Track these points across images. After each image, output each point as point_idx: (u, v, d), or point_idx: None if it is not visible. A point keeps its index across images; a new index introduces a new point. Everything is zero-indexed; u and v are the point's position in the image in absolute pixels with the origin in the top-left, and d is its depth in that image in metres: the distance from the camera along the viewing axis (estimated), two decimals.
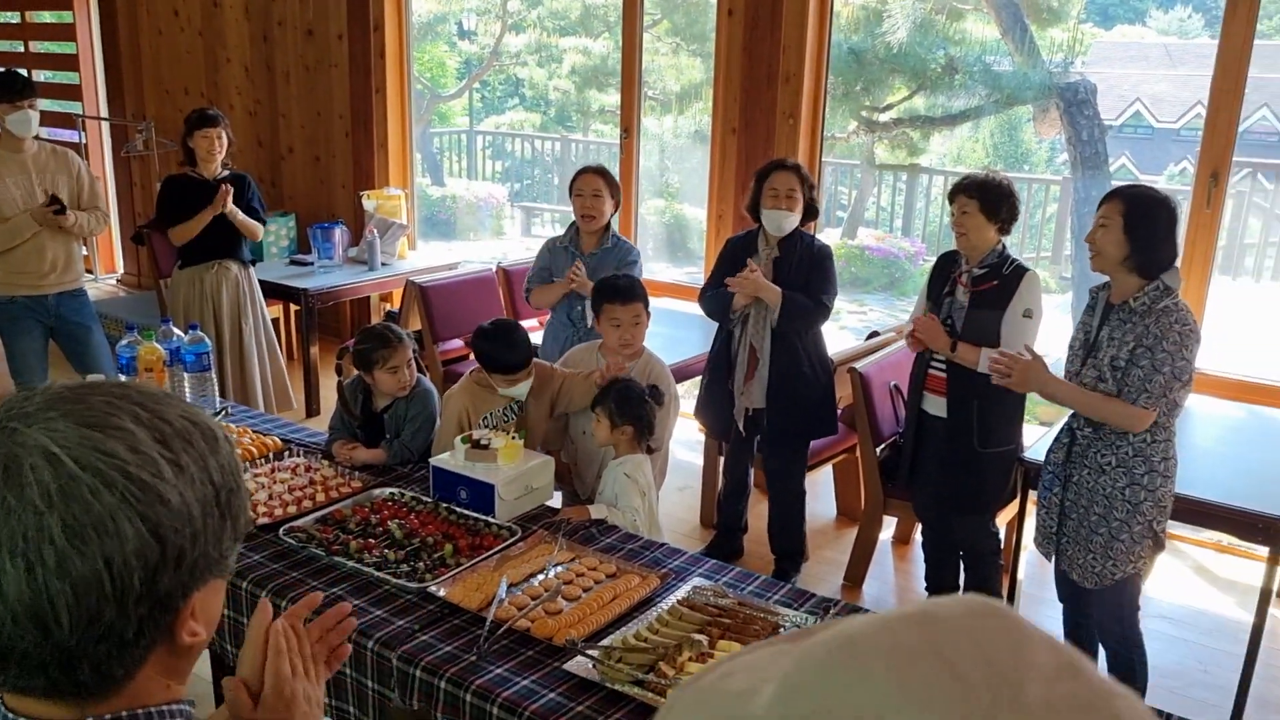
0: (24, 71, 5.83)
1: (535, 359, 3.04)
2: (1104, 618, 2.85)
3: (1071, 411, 2.81)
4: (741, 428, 3.61)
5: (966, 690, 0.41)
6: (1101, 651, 2.90)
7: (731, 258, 3.58)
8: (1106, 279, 2.73)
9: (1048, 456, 2.89)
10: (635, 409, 2.83)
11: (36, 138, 4.15)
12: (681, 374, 4.13)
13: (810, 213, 3.52)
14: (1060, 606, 3.00)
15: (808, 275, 3.42)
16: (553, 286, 3.85)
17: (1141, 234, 2.58)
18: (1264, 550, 2.94)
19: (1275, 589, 3.05)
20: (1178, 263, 2.66)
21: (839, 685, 0.43)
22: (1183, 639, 3.45)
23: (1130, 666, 2.82)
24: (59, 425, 0.75)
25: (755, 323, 3.49)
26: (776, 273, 3.46)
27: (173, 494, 0.77)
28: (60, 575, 0.72)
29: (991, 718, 0.40)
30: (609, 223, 3.89)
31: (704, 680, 0.50)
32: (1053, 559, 2.91)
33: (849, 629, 0.46)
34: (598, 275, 3.62)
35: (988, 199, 3.06)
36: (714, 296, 3.59)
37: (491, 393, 3.00)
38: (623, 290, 3.16)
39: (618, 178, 4.02)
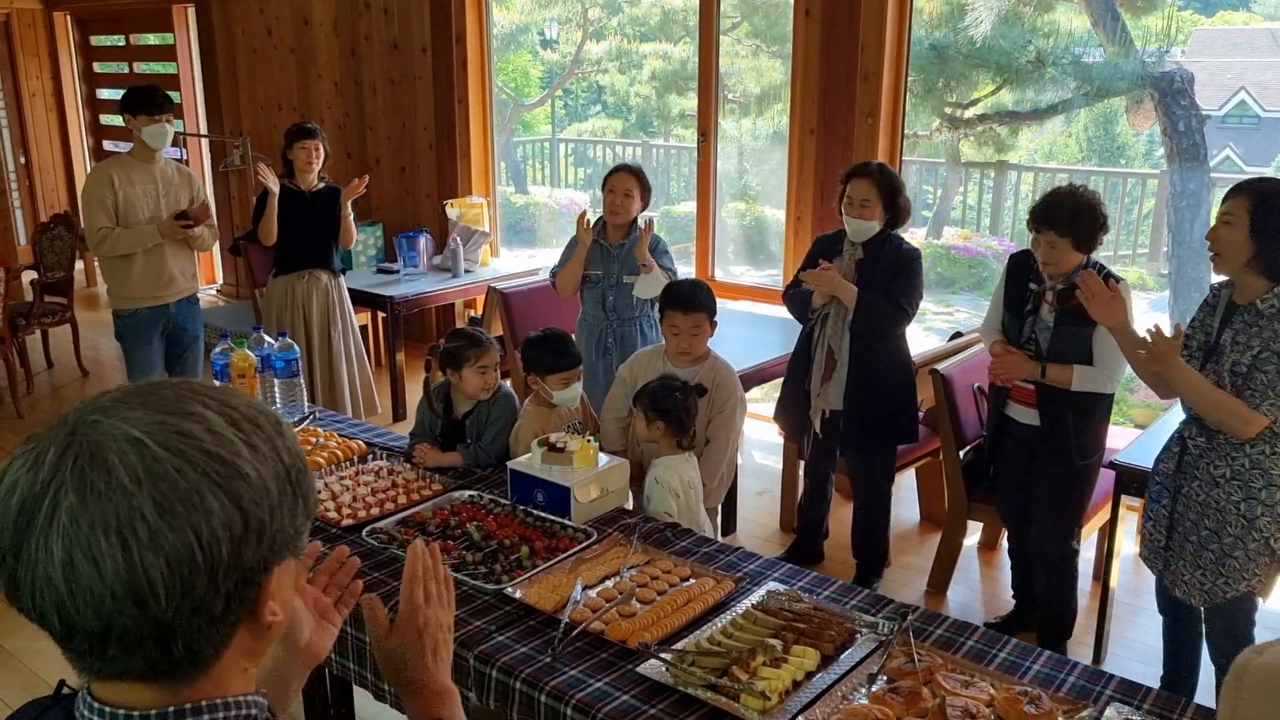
0: None
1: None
2: (1218, 636, 2.69)
3: (1184, 419, 2.64)
4: (818, 429, 3.56)
5: None
6: (1209, 668, 2.77)
7: (817, 255, 3.54)
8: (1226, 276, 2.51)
9: (1156, 466, 2.72)
10: (665, 404, 2.84)
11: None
12: (759, 377, 4.11)
13: (897, 217, 3.42)
14: (1159, 619, 2.88)
15: (891, 278, 3.35)
16: (569, 264, 3.91)
17: (1271, 234, 2.36)
18: None
19: None
20: None
21: None
22: None
23: None
24: (137, 414, 0.80)
25: (833, 323, 3.44)
26: (860, 275, 3.41)
27: (250, 469, 0.81)
28: (154, 550, 0.76)
29: None
30: (635, 218, 3.93)
31: None
32: (1158, 573, 2.76)
33: None
34: (626, 267, 3.80)
35: (1081, 234, 2.86)
36: (794, 295, 3.57)
37: (552, 412, 3.02)
38: (685, 299, 3.08)
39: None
